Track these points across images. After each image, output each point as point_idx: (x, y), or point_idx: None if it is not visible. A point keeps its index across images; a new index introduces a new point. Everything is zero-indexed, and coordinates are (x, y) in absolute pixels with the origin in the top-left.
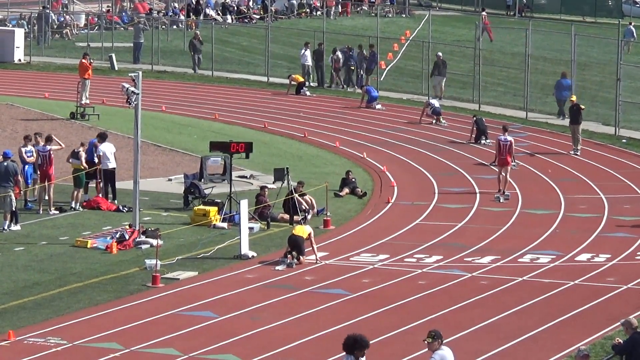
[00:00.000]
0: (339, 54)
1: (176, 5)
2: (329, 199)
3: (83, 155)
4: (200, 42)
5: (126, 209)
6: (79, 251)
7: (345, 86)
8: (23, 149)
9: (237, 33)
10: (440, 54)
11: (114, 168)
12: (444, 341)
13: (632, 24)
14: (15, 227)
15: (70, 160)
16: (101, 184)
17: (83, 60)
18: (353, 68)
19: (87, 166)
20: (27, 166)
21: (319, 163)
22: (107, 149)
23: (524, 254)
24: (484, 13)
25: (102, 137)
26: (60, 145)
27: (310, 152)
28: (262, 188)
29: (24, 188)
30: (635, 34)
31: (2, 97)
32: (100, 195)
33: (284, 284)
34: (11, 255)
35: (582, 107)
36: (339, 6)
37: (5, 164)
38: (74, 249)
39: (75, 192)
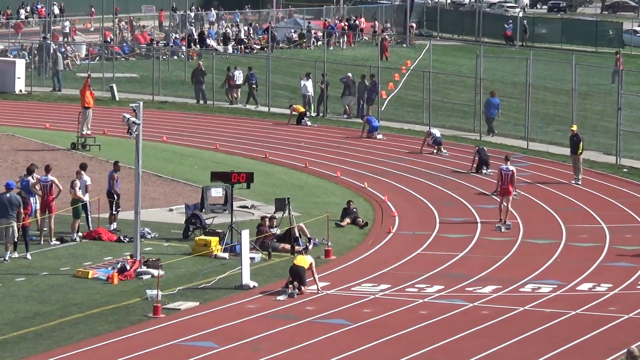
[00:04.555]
0: (236, 72)
1: (177, 35)
2: (330, 229)
3: (77, 185)
4: (204, 72)
5: (127, 240)
6: (80, 282)
7: (244, 103)
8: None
9: (238, 63)
10: (350, 74)
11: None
12: None
13: None
14: (27, 256)
15: (70, 191)
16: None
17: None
18: (254, 86)
19: (81, 196)
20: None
21: (320, 193)
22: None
23: (525, 284)
24: (385, 34)
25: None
26: (59, 187)
27: (311, 182)
28: (263, 218)
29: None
30: None
31: (3, 128)
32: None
33: (285, 314)
34: (12, 285)
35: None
36: (336, 36)
37: (7, 195)
38: (75, 280)
39: (74, 223)
